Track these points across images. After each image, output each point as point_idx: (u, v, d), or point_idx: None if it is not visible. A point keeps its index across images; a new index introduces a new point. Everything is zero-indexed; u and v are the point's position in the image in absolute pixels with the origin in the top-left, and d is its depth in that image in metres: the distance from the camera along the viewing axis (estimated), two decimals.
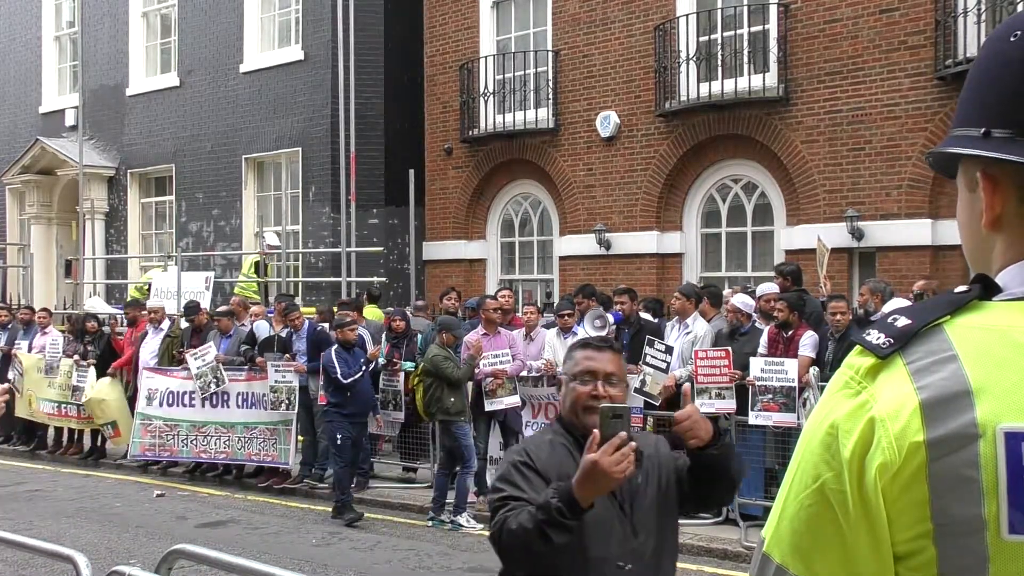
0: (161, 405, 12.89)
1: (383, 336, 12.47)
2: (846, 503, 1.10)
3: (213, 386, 12.48)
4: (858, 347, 1.17)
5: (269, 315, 13.48)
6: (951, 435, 1.06)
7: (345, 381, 10.40)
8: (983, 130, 1.20)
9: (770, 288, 10.79)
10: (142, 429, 12.98)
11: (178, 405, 12.81)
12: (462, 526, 9.93)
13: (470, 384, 10.54)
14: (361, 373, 10.68)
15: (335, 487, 10.76)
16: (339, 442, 10.49)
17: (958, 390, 1.08)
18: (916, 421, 1.08)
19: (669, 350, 9.86)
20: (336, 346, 10.71)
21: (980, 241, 1.25)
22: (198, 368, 12.54)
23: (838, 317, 9.32)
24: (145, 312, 14.06)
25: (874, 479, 1.08)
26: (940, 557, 1.07)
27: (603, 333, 10.70)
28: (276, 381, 11.87)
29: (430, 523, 10.09)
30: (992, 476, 1.05)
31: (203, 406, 12.62)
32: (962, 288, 1.19)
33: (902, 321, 1.16)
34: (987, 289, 1.18)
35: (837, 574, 1.12)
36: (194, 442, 12.72)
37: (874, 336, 1.16)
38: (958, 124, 1.26)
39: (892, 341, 1.14)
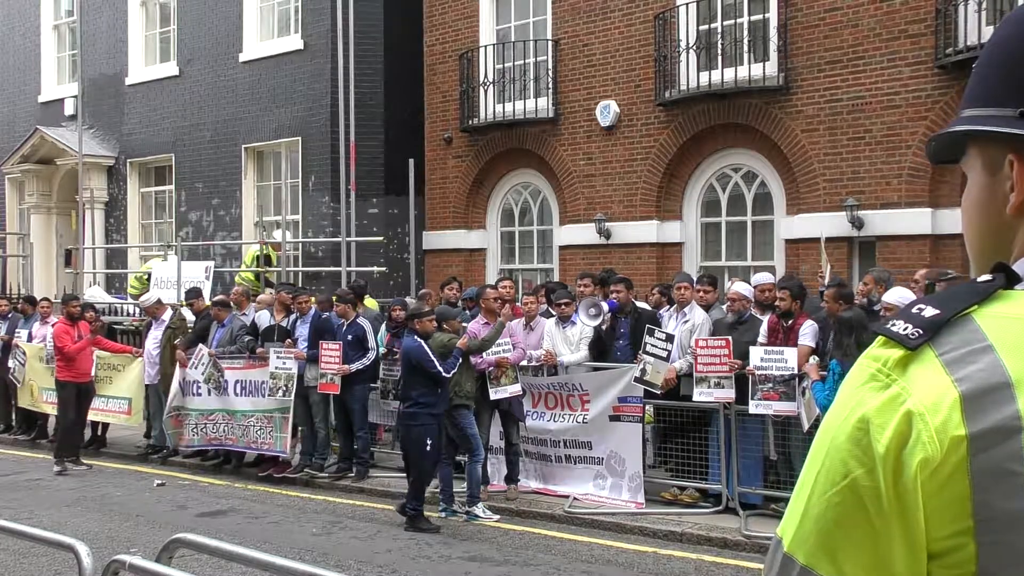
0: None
1: (383, 326, 12.50)
2: (880, 500, 1.06)
3: (221, 378, 12.55)
4: (882, 338, 1.13)
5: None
6: (993, 428, 1.03)
7: (447, 375, 9.60)
8: (1020, 110, 1.16)
9: (766, 278, 10.81)
10: (172, 420, 13.01)
11: (190, 395, 12.87)
12: (479, 517, 9.83)
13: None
14: (458, 366, 9.86)
15: (411, 496, 9.74)
16: (428, 448, 9.55)
17: (998, 382, 1.04)
18: (956, 414, 1.04)
19: (670, 338, 9.86)
20: (418, 338, 9.77)
21: (1000, 227, 1.22)
22: (202, 373, 12.63)
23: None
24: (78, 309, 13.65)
25: (914, 475, 1.05)
26: (980, 554, 1.04)
27: (597, 322, 10.72)
28: (276, 368, 11.88)
29: (442, 514, 10.05)
30: None
31: (209, 395, 12.67)
32: (986, 277, 1.16)
33: (929, 311, 1.12)
34: (1008, 278, 1.15)
35: (868, 574, 1.08)
36: (203, 430, 12.76)
37: (900, 326, 1.11)
38: (979, 104, 1.22)
39: (921, 332, 1.10)
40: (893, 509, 1.06)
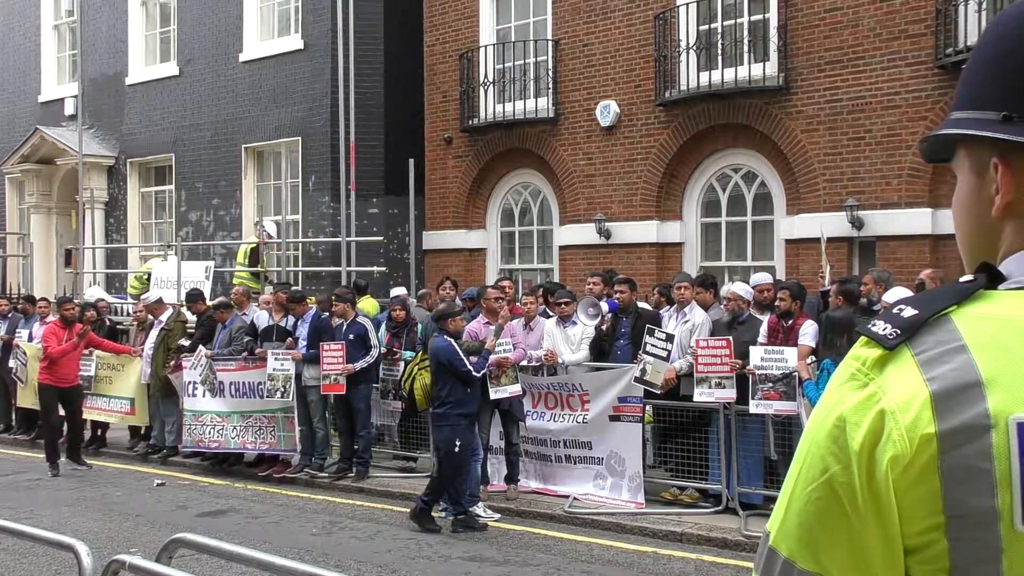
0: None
1: (383, 326, 12.50)
2: (855, 496, 1.09)
3: (215, 380, 12.59)
4: (863, 338, 1.15)
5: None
6: (963, 427, 1.05)
7: (478, 374, 9.58)
8: (1003, 114, 1.18)
9: (765, 278, 10.81)
10: (191, 419, 13.06)
11: (186, 395, 12.91)
12: (479, 516, 9.79)
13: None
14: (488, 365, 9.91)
15: (451, 501, 9.54)
16: (457, 450, 9.39)
17: (969, 381, 1.07)
18: (927, 413, 1.07)
19: (670, 338, 9.85)
20: (449, 338, 9.65)
21: (986, 228, 1.24)
22: (200, 374, 12.66)
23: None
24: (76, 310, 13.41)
25: (885, 472, 1.07)
26: (952, 549, 1.06)
27: (596, 322, 10.70)
28: (274, 369, 11.88)
29: (443, 514, 10.03)
30: (1005, 467, 1.04)
31: (204, 396, 12.69)
32: (968, 277, 1.18)
33: (908, 311, 1.14)
34: (992, 278, 1.17)
35: (846, 568, 1.10)
36: (192, 432, 12.81)
37: (880, 327, 1.14)
38: (966, 106, 1.24)
39: (899, 332, 1.12)
40: (868, 505, 1.09)
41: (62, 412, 13.42)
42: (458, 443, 9.41)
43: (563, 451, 10.67)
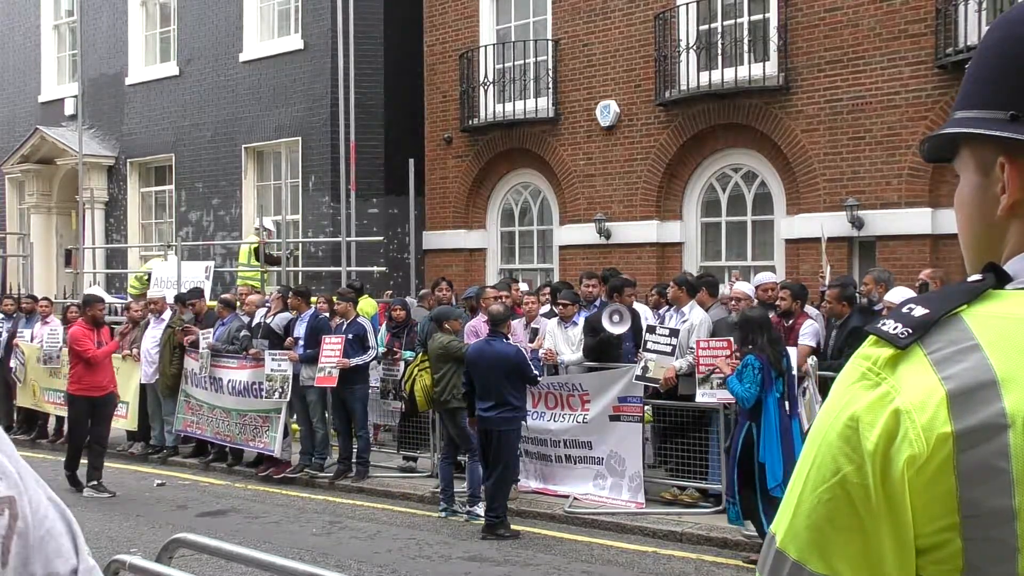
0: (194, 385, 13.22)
1: (383, 326, 12.50)
2: (868, 497, 1.08)
3: (211, 375, 12.68)
4: (873, 337, 1.14)
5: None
6: (980, 426, 1.05)
7: (540, 380, 9.96)
8: (1011, 113, 1.17)
9: (768, 277, 10.80)
10: (184, 405, 13.19)
11: (198, 386, 13.06)
12: (480, 516, 9.74)
13: None
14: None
15: (493, 503, 9.37)
16: (517, 450, 9.66)
17: (984, 380, 1.06)
18: (943, 412, 1.06)
19: (674, 333, 9.85)
20: (513, 343, 9.64)
21: (991, 228, 1.23)
22: (200, 366, 12.79)
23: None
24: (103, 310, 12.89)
25: (901, 472, 1.06)
26: (966, 549, 1.05)
27: (623, 329, 10.26)
28: (272, 370, 11.87)
29: (443, 514, 10.03)
30: (1022, 466, 1.03)
31: (207, 388, 12.76)
32: (976, 277, 1.17)
33: (919, 310, 1.13)
34: (999, 278, 1.16)
35: (858, 569, 1.09)
36: (184, 416, 13.11)
37: (890, 326, 1.13)
38: (972, 105, 1.24)
39: (911, 331, 1.11)
40: (881, 505, 1.08)
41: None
42: (519, 445, 9.79)
43: (563, 451, 10.67)
